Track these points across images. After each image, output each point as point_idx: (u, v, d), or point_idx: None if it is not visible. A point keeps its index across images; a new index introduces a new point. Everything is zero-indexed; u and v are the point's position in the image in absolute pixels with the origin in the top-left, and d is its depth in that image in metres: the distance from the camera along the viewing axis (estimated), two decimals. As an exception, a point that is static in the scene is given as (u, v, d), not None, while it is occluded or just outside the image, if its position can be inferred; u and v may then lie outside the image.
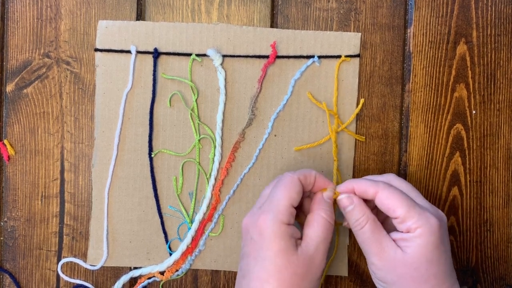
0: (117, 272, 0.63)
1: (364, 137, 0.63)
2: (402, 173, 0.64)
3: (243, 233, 0.52)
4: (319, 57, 0.62)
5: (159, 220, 0.63)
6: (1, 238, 0.63)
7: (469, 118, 0.63)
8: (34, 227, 0.63)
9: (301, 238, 0.51)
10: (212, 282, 0.63)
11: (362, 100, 0.63)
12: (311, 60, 0.62)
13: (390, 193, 0.51)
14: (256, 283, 0.50)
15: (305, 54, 0.62)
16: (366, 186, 0.52)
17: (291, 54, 0.62)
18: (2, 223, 0.63)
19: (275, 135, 0.63)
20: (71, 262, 0.63)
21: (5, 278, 0.63)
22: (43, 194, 0.63)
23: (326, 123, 0.63)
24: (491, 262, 0.64)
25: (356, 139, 0.63)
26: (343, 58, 0.62)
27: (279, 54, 0.62)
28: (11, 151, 0.62)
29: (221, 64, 0.62)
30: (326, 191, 0.54)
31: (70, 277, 0.63)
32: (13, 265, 0.63)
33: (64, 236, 0.63)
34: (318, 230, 0.51)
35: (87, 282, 0.63)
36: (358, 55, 0.62)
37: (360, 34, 0.63)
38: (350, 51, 0.62)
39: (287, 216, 0.50)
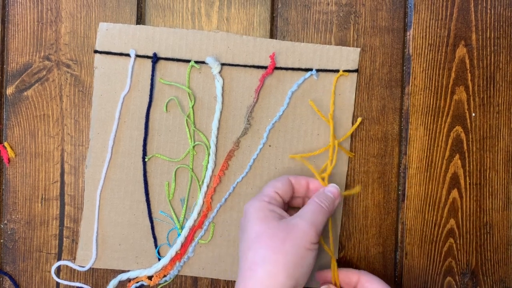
0: (117, 275, 0.63)
1: (353, 154, 0.63)
2: (402, 176, 0.64)
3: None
4: (317, 70, 0.62)
5: (150, 224, 0.63)
6: (1, 241, 0.63)
7: (468, 121, 0.63)
8: (34, 229, 0.63)
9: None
10: (212, 285, 0.63)
11: (359, 119, 0.62)
12: (309, 73, 0.62)
13: (371, 277, 0.56)
14: (242, 257, 0.52)
15: (303, 67, 0.62)
16: (350, 271, 0.57)
17: (290, 66, 0.62)
18: (2, 226, 0.63)
19: (270, 146, 0.63)
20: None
21: (5, 280, 0.63)
22: (43, 196, 0.63)
23: (321, 135, 0.62)
24: (491, 265, 0.64)
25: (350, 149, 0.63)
26: (341, 72, 0.62)
27: (278, 65, 0.62)
28: (11, 153, 0.63)
29: (219, 72, 0.62)
30: (329, 187, 0.57)
31: (70, 279, 0.63)
32: (13, 267, 0.63)
33: (64, 239, 0.63)
34: (307, 208, 0.54)
35: (87, 284, 0.63)
36: (356, 70, 0.62)
37: (359, 49, 0.63)
38: (349, 66, 0.62)
39: (269, 197, 0.55)
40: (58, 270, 0.63)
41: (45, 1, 0.62)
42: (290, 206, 0.60)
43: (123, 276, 0.62)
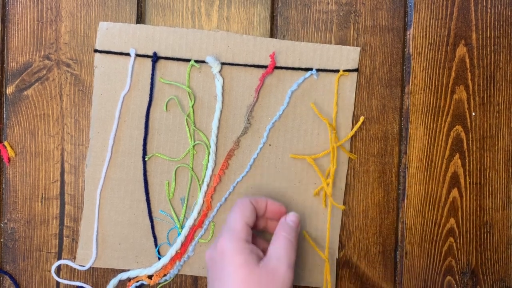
0: (117, 274, 0.63)
1: (356, 156, 0.63)
2: (402, 175, 0.64)
3: (207, 264, 0.54)
4: (318, 70, 0.62)
5: (150, 223, 0.63)
6: (1, 240, 0.63)
7: (468, 120, 0.63)
8: (34, 229, 0.63)
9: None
10: (212, 284, 0.63)
11: (362, 118, 0.63)
12: (309, 72, 0.62)
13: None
14: None
15: (303, 66, 0.62)
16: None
17: (290, 65, 0.62)
18: (2, 225, 0.63)
19: (270, 145, 0.63)
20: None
21: (5, 279, 0.63)
22: (43, 196, 0.63)
23: (321, 135, 0.62)
24: (491, 264, 0.64)
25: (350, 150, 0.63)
26: (341, 72, 0.62)
27: (278, 64, 0.62)
28: (11, 153, 0.63)
29: (220, 71, 0.62)
30: (289, 215, 0.57)
31: (70, 279, 0.63)
32: (13, 267, 0.63)
33: (64, 238, 0.63)
34: (278, 245, 0.54)
35: (87, 283, 0.63)
36: (356, 70, 0.62)
37: (359, 48, 0.63)
38: (349, 65, 0.62)
39: (244, 233, 0.54)
40: (58, 269, 0.63)
41: (45, 0, 0.62)
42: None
43: (123, 275, 0.63)
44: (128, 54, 0.62)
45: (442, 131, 0.63)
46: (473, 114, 0.63)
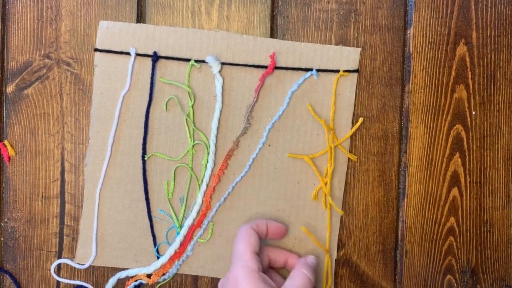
0: (117, 273, 0.63)
1: (356, 157, 0.63)
2: (402, 174, 0.64)
3: None
4: (318, 70, 0.62)
5: (149, 223, 0.63)
6: (2, 239, 0.63)
7: (469, 119, 0.63)
8: (35, 228, 0.63)
9: None
10: (212, 283, 0.64)
11: (360, 120, 0.63)
12: (309, 73, 0.62)
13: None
14: None
15: (303, 67, 0.62)
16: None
17: (290, 65, 0.62)
18: (2, 224, 0.63)
19: (269, 145, 0.63)
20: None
21: (6, 278, 0.63)
22: (44, 195, 0.63)
23: (321, 136, 0.62)
24: (491, 263, 0.64)
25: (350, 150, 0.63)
26: (341, 73, 0.62)
27: (278, 65, 0.62)
28: (11, 152, 0.63)
29: (220, 71, 0.62)
30: (310, 258, 0.59)
31: (70, 278, 0.63)
32: (13, 265, 0.63)
33: (65, 237, 0.63)
34: (297, 281, 0.55)
35: (87, 282, 0.63)
36: (356, 70, 0.62)
37: (359, 49, 0.62)
38: (349, 66, 0.62)
39: (255, 262, 0.55)
40: (59, 268, 0.63)
41: (45, -1, 0.63)
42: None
43: (121, 274, 0.63)
44: (128, 53, 0.62)
45: (442, 130, 0.63)
46: (473, 113, 0.63)
